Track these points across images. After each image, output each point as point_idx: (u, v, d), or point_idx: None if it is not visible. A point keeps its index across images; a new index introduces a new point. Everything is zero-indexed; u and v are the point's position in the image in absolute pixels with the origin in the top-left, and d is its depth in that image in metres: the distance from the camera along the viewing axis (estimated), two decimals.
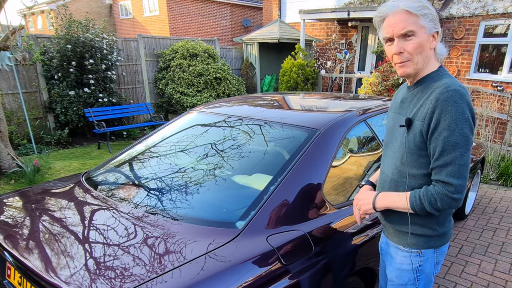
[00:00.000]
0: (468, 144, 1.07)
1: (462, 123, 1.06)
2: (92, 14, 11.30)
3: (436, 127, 1.08)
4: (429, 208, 1.12)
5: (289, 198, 1.46)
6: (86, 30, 6.17)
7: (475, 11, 6.21)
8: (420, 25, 1.11)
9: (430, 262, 1.25)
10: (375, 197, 1.26)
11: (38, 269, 1.16)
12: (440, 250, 1.26)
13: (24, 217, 1.55)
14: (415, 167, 1.18)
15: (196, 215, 1.44)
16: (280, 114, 1.98)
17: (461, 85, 1.10)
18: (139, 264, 1.16)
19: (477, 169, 3.37)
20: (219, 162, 1.75)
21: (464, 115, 1.06)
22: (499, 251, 2.89)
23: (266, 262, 1.25)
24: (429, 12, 1.11)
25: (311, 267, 1.36)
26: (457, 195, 1.08)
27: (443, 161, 1.09)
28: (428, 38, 1.13)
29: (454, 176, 1.07)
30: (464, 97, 1.07)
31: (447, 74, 1.17)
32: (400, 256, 1.28)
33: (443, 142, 1.07)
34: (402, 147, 1.20)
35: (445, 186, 1.09)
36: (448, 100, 1.06)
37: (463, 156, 1.07)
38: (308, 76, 7.81)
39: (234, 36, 15.42)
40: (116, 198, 1.65)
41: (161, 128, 2.31)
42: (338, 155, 1.71)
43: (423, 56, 1.14)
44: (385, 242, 1.38)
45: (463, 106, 1.06)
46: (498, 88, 5.84)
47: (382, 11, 1.17)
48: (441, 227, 1.22)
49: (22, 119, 5.84)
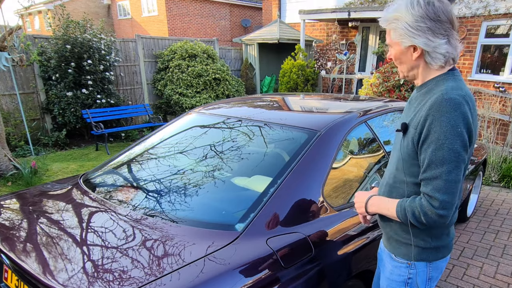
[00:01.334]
0: (458, 160, 0.99)
1: (452, 137, 0.98)
2: (90, 15, 11.28)
3: (426, 138, 1.02)
4: (413, 221, 1.06)
5: (289, 200, 1.45)
6: (84, 31, 6.15)
7: (477, 11, 6.17)
8: (391, 38, 1.11)
9: (421, 276, 1.18)
10: (367, 200, 1.23)
11: (36, 272, 1.16)
12: (434, 264, 1.17)
13: (22, 219, 1.54)
14: (408, 174, 1.14)
15: (195, 217, 1.43)
16: (280, 115, 1.97)
17: (461, 93, 1.01)
18: (138, 266, 1.16)
19: (478, 171, 3.35)
20: (219, 163, 1.74)
21: (456, 128, 0.97)
22: (501, 253, 2.88)
23: (266, 265, 1.24)
24: (397, 27, 1.07)
25: (311, 269, 1.35)
26: (442, 211, 1.00)
27: (429, 174, 1.03)
28: (405, 50, 1.09)
29: (439, 191, 1.00)
30: (460, 107, 0.98)
31: (454, 78, 1.08)
32: (391, 266, 1.24)
33: (430, 155, 1.01)
34: (399, 153, 1.16)
35: (430, 200, 1.02)
36: (440, 110, 0.99)
37: (451, 173, 0.99)
38: (308, 77, 7.80)
39: (234, 37, 15.42)
40: (115, 200, 1.64)
41: (159, 129, 2.30)
42: (339, 157, 1.70)
43: (405, 66, 1.13)
44: (381, 248, 1.35)
45: (456, 118, 0.97)
46: (500, 89, 5.80)
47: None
48: (434, 240, 1.15)
49: (19, 121, 5.81)
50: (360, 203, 1.27)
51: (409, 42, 1.07)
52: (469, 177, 3.03)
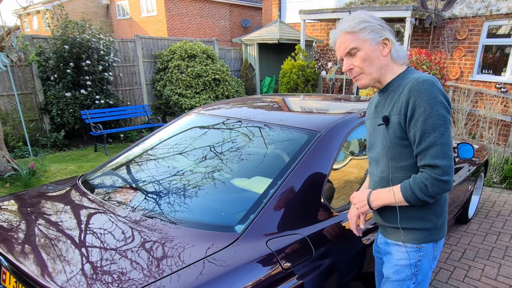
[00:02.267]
0: (446, 123, 1.10)
1: (436, 105, 1.09)
2: (88, 15, 11.25)
3: (413, 114, 1.12)
4: (421, 196, 1.13)
5: (289, 201, 1.44)
6: (82, 31, 6.13)
7: (479, 11, 6.14)
8: (361, 40, 1.18)
9: (428, 257, 1.26)
10: (369, 196, 1.27)
11: (34, 273, 1.15)
12: (438, 244, 1.27)
13: (20, 221, 1.53)
14: (402, 159, 1.20)
15: (194, 219, 1.43)
16: (280, 116, 1.96)
17: (431, 76, 1.14)
18: (137, 268, 1.15)
19: (480, 172, 3.33)
20: (218, 165, 1.73)
21: (437, 98, 1.10)
22: (503, 255, 2.87)
23: (266, 267, 1.23)
24: (367, 26, 1.18)
25: (311, 272, 1.35)
26: (446, 177, 1.09)
27: (425, 145, 1.11)
28: (376, 48, 1.19)
29: (439, 157, 1.09)
30: (435, 84, 1.11)
31: (415, 71, 1.22)
32: (400, 252, 1.28)
33: (421, 126, 1.10)
34: (385, 144, 1.22)
35: (432, 170, 1.10)
36: (419, 89, 1.11)
37: (444, 135, 1.09)
38: (308, 77, 7.79)
39: (233, 37, 15.41)
40: (113, 202, 1.63)
41: (159, 130, 2.29)
42: (339, 158, 1.69)
43: (375, 66, 1.20)
44: (383, 242, 1.36)
45: (435, 91, 1.10)
46: (501, 89, 5.76)
47: (331, 39, 1.27)
48: (439, 218, 1.24)
49: (18, 121, 5.79)
50: (361, 202, 1.29)
51: (381, 37, 1.19)
52: (471, 179, 3.02)
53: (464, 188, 2.89)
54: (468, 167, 2.89)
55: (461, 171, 2.75)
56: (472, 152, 2.46)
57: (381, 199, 1.23)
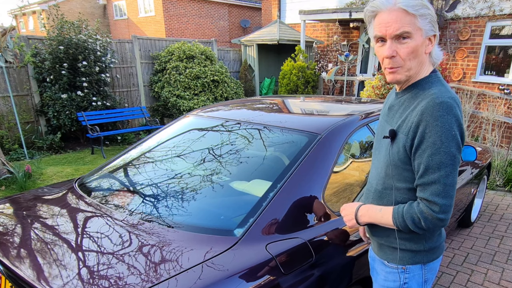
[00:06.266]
0: (454, 163, 1.00)
1: (448, 141, 0.98)
2: (85, 15, 11.23)
3: (420, 143, 1.01)
4: (412, 227, 1.05)
5: (289, 204, 1.43)
6: (79, 31, 6.10)
7: (481, 11, 6.10)
8: (417, 26, 1.01)
9: (417, 279, 1.17)
10: (357, 211, 1.20)
11: (30, 278, 1.13)
12: (428, 266, 1.17)
13: (15, 224, 1.51)
14: (400, 180, 1.11)
15: (193, 223, 1.41)
16: (279, 118, 1.95)
17: (451, 95, 1.01)
18: (134, 273, 1.13)
19: (483, 175, 3.31)
20: (217, 167, 1.72)
21: (451, 131, 0.98)
22: (506, 259, 2.84)
23: (265, 271, 1.22)
24: (428, 13, 1.01)
25: (311, 275, 1.33)
26: (442, 215, 1.01)
27: (427, 180, 1.02)
28: (424, 41, 1.04)
29: (439, 196, 1.00)
30: (452, 110, 0.98)
31: (439, 81, 1.08)
32: (384, 272, 1.22)
33: (427, 160, 1.00)
34: (387, 159, 1.13)
35: (429, 205, 1.02)
36: (433, 114, 0.98)
37: (449, 176, 1.00)
38: (308, 78, 7.78)
39: (232, 38, 15.41)
40: (110, 205, 1.61)
41: (156, 132, 2.27)
42: (340, 160, 1.68)
43: (416, 61, 1.05)
44: (372, 256, 1.32)
45: (450, 121, 0.98)
46: (505, 91, 5.73)
47: (375, 5, 1.03)
48: (428, 242, 1.14)
49: (13, 123, 5.74)
50: (349, 215, 1.23)
51: (433, 32, 1.04)
52: (473, 181, 3.00)
53: (467, 191, 2.88)
54: (471, 170, 2.88)
55: (464, 174, 2.73)
56: (475, 155, 2.45)
57: (368, 217, 1.17)
